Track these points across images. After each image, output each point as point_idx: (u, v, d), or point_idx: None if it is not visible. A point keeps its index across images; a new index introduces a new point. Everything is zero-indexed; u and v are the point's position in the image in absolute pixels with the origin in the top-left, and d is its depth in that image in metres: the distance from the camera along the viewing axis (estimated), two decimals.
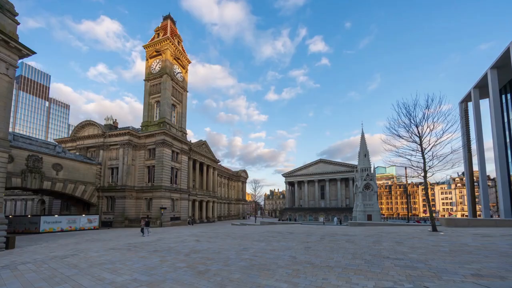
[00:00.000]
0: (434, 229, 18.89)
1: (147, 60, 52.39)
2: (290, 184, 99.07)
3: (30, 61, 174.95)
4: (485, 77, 32.95)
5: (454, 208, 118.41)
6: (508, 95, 32.12)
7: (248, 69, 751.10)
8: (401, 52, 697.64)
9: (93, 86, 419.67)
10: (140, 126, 50.21)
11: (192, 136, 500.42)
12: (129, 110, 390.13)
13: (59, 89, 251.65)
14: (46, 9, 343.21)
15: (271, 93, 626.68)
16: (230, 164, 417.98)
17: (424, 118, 19.36)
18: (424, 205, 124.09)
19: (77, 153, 46.21)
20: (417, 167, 20.12)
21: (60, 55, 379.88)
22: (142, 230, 24.72)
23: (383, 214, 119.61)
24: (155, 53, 51.28)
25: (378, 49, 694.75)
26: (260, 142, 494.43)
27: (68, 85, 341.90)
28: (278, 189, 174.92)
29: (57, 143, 43.84)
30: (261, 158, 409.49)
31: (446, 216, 62.24)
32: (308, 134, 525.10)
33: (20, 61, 22.73)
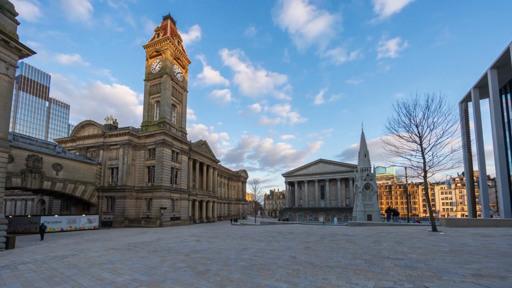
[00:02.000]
0: (434, 229, 18.89)
1: (147, 60, 52.39)
2: (290, 184, 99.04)
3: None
4: (485, 77, 32.95)
5: (454, 208, 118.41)
6: (508, 95, 32.12)
7: (310, 77, 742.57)
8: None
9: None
10: (140, 126, 50.20)
11: (227, 139, 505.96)
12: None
13: (123, 91, 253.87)
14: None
15: (318, 97, 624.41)
16: (251, 165, 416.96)
17: (424, 118, 19.36)
18: (424, 205, 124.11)
19: (77, 153, 46.20)
20: (417, 167, 20.12)
21: (132, 60, 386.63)
22: None
23: (383, 214, 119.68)
24: (155, 53, 51.28)
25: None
26: (289, 143, 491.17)
27: (133, 89, 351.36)
28: (278, 189, 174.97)
29: (57, 143, 43.85)
30: (285, 159, 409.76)
31: (446, 216, 62.25)
32: (337, 135, 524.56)
33: (20, 61, 22.73)
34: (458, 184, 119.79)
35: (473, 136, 36.73)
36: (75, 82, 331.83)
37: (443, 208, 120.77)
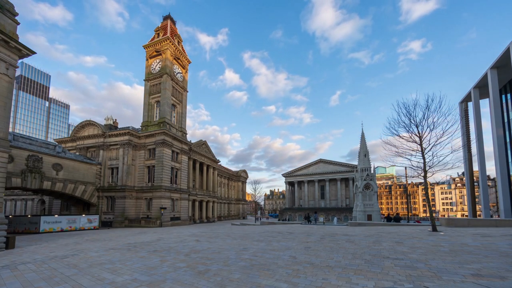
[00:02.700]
0: (434, 229, 18.88)
1: (147, 60, 52.40)
2: (290, 184, 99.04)
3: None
4: (485, 77, 32.96)
5: (454, 208, 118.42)
6: (508, 95, 32.13)
7: (330, 79, 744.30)
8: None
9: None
10: (140, 126, 50.21)
11: (239, 140, 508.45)
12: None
13: (141, 90, 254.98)
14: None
15: (334, 99, 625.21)
16: (258, 165, 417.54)
17: (424, 118, 19.35)
18: (424, 205, 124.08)
19: (77, 153, 46.21)
20: (417, 167, 20.11)
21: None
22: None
23: (383, 214, 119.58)
24: (155, 53, 51.28)
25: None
26: (299, 144, 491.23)
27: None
28: (278, 189, 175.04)
29: (57, 143, 43.86)
30: (292, 159, 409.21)
31: (446, 216, 62.22)
32: (347, 136, 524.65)
33: (20, 61, 22.74)
34: (458, 184, 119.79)
35: (473, 136, 36.74)
36: (96, 83, 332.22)
37: (443, 208, 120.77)
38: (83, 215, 38.44)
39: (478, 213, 42.37)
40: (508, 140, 31.22)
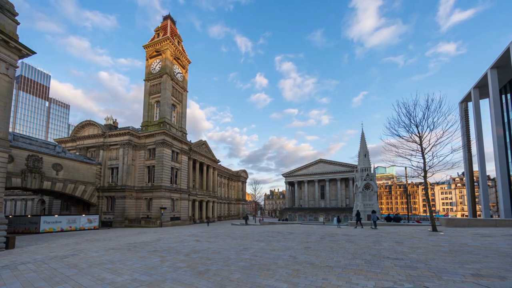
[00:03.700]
0: (434, 229, 18.88)
1: (147, 60, 52.39)
2: (290, 184, 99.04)
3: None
4: (485, 77, 32.95)
5: (454, 208, 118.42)
6: (508, 95, 32.12)
7: (357, 82, 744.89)
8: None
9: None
10: (140, 126, 50.20)
11: (255, 141, 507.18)
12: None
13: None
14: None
15: (356, 100, 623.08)
16: (267, 165, 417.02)
17: (424, 118, 19.35)
18: (424, 205, 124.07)
19: (77, 153, 46.21)
20: (417, 167, 20.12)
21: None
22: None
23: (383, 214, 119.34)
24: (155, 53, 51.27)
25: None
26: (313, 145, 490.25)
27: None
28: (278, 189, 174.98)
29: (57, 143, 43.84)
30: (302, 160, 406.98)
31: (445, 216, 62.18)
32: (359, 136, 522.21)
33: (20, 61, 22.73)
34: (458, 184, 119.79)
35: (473, 136, 36.73)
36: (127, 85, 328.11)
37: (443, 208, 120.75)
38: (83, 215, 38.43)
39: (478, 213, 42.37)
40: (508, 140, 31.22)
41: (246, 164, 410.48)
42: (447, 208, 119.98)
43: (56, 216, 34.57)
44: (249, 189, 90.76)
